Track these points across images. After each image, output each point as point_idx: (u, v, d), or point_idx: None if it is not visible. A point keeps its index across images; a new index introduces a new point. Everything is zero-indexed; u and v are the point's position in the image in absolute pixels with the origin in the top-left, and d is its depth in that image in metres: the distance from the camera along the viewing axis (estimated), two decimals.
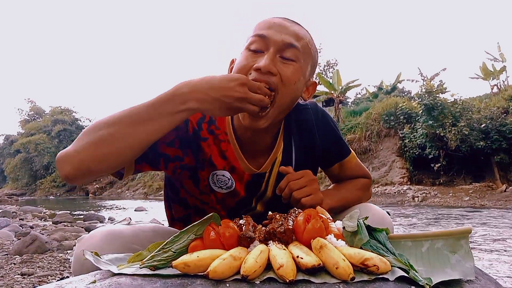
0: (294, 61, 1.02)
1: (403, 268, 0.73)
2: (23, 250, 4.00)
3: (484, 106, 14.71)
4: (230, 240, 0.78)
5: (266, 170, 1.18)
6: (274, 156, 1.18)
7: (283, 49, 1.00)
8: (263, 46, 1.01)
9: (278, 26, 1.02)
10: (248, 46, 1.03)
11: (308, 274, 0.70)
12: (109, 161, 0.89)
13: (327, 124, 1.25)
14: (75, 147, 0.89)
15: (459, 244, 0.80)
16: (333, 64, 25.58)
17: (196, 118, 1.12)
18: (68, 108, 39.66)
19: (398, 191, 14.49)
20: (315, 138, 1.21)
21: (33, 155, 36.09)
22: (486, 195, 12.47)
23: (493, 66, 18.05)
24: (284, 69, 1.00)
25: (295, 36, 1.02)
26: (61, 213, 10.64)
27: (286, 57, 1.01)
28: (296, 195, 1.05)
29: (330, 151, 1.26)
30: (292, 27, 1.04)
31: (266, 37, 1.00)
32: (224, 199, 1.18)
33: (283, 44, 1.00)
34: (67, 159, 0.88)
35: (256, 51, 1.01)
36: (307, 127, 1.21)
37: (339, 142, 1.27)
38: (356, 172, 1.32)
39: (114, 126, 0.89)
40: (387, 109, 17.18)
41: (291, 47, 1.01)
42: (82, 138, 0.90)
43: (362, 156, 17.09)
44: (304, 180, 1.06)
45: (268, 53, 0.99)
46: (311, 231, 0.78)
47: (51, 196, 34.01)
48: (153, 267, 0.75)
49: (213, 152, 1.13)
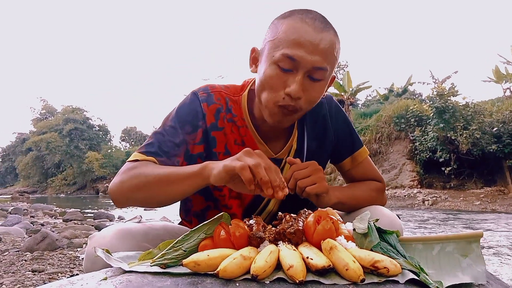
0: (322, 80, 1.05)
1: (414, 271, 0.73)
2: (34, 247, 4.04)
3: (496, 109, 14.56)
4: (240, 239, 0.78)
5: (283, 157, 1.21)
6: (290, 144, 1.21)
7: (312, 72, 1.02)
8: (292, 67, 1.01)
9: (309, 44, 1.00)
10: (277, 62, 1.02)
11: (318, 275, 0.70)
12: (148, 203, 1.07)
13: (340, 116, 1.27)
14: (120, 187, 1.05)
15: (470, 248, 0.79)
16: (343, 66, 25.48)
17: (213, 110, 1.15)
18: (80, 107, 40.01)
19: (408, 194, 14.39)
20: (328, 129, 1.24)
21: (44, 153, 36.49)
22: (498, 200, 12.34)
23: (506, 69, 17.86)
24: (311, 90, 1.04)
25: (324, 56, 1.02)
26: (71, 211, 10.73)
27: (315, 78, 1.03)
28: (301, 184, 1.05)
29: (342, 142, 1.27)
30: (322, 41, 1.01)
31: (297, 61, 1.00)
32: (240, 193, 1.17)
33: (312, 68, 1.01)
34: (117, 197, 1.06)
35: (285, 70, 1.02)
36: (321, 118, 1.24)
37: (352, 135, 1.29)
38: (368, 171, 1.32)
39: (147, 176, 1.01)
40: (398, 111, 17.08)
41: (320, 71, 1.02)
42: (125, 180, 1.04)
43: (372, 158, 16.69)
44: (309, 170, 1.07)
45: (297, 78, 1.01)
46: (321, 232, 0.77)
47: (61, 194, 34.37)
48: (164, 265, 0.75)
49: (229, 140, 1.15)
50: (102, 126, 40.98)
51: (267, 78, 1.04)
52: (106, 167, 34.13)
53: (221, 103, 1.17)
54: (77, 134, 36.52)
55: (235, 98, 1.19)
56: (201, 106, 1.14)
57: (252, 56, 1.14)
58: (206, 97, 1.16)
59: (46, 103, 42.44)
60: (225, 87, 1.21)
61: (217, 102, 1.16)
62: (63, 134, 36.26)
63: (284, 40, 1.02)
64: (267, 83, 1.04)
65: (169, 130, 1.12)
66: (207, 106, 1.15)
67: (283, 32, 1.02)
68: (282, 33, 1.02)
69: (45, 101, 42.55)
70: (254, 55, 1.13)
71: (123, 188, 1.04)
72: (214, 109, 1.16)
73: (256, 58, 1.12)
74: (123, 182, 1.04)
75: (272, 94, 1.04)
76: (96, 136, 39.00)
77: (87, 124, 38.76)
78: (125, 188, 1.03)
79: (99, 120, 40.83)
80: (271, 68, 1.03)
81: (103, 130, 40.98)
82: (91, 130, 38.78)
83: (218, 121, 1.15)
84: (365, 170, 1.31)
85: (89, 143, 37.27)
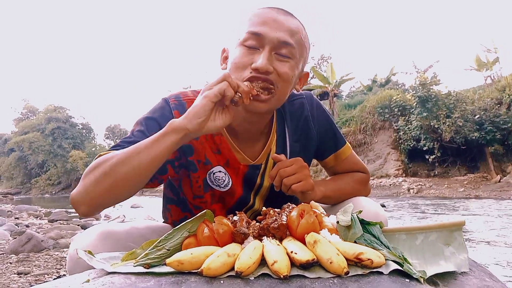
0: (290, 57, 1.04)
1: (397, 261, 0.73)
2: (19, 249, 3.98)
3: (478, 97, 14.79)
4: (224, 236, 0.78)
5: (261, 162, 1.19)
6: (269, 148, 1.19)
7: (278, 47, 1.02)
8: (258, 43, 1.02)
9: (273, 22, 1.02)
10: (243, 42, 1.03)
11: (302, 269, 0.70)
12: (116, 193, 0.94)
13: (322, 114, 1.26)
14: (84, 187, 0.94)
15: (452, 237, 0.80)
16: (327, 58, 25.55)
17: None
18: (62, 106, 39.44)
19: (394, 183, 14.56)
20: (310, 128, 1.23)
21: (27, 153, 35.96)
22: (481, 186, 12.57)
23: (487, 57, 18.10)
24: (280, 66, 1.02)
25: (289, 33, 1.03)
26: (56, 211, 10.59)
27: (282, 54, 1.03)
28: (287, 182, 1.05)
29: (325, 141, 1.26)
30: (286, 22, 1.04)
31: (262, 36, 1.01)
32: (223, 198, 1.18)
33: (278, 42, 1.01)
34: (79, 200, 0.94)
35: (251, 48, 1.02)
36: (302, 120, 1.22)
37: (334, 132, 1.28)
38: (352, 165, 1.32)
39: (112, 160, 0.93)
40: (382, 102, 17.24)
41: (286, 45, 1.02)
42: (88, 177, 0.94)
43: (357, 149, 17.14)
44: (294, 167, 1.06)
45: (264, 52, 1.00)
46: (305, 226, 0.77)
47: (46, 194, 33.93)
48: (147, 265, 0.74)
49: (207, 149, 1.14)
50: (85, 125, 40.47)
51: (234, 60, 1.04)
52: None
53: None
54: (60, 133, 36.03)
55: None
56: (172, 114, 1.10)
57: (223, 56, 1.15)
58: (177, 105, 1.12)
59: (27, 103, 41.77)
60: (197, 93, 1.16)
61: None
62: (46, 134, 35.74)
63: (249, 23, 1.04)
64: (235, 64, 1.04)
65: (136, 133, 1.07)
66: (179, 113, 1.08)
67: (248, 19, 1.05)
68: (248, 20, 1.05)
69: (26, 101, 41.88)
70: (225, 54, 1.14)
71: (86, 189, 0.94)
72: None
73: (227, 57, 1.12)
74: (85, 183, 0.94)
75: (239, 73, 1.02)
76: (79, 134, 38.51)
77: (70, 123, 38.23)
78: (89, 186, 0.93)
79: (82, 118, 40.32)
80: (237, 49, 1.04)
81: (86, 128, 40.48)
82: (74, 129, 38.27)
83: None
84: (348, 165, 1.32)
85: (73, 142, 36.79)
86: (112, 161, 0.92)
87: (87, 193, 0.93)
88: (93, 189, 0.93)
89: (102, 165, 0.93)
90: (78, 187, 0.95)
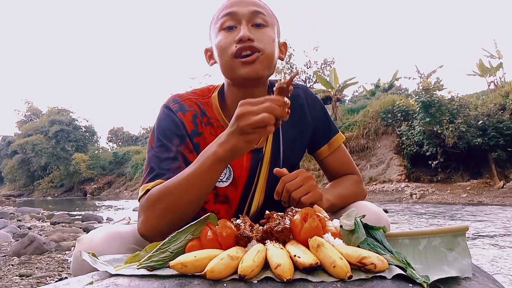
0: (265, 25, 1.13)
1: (401, 266, 0.73)
2: (21, 251, 3.99)
3: (481, 103, 14.74)
4: (228, 239, 0.78)
5: (262, 145, 1.21)
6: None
7: (252, 18, 1.12)
8: (234, 22, 1.11)
9: (240, 1, 1.13)
10: (221, 26, 1.13)
11: (305, 273, 0.70)
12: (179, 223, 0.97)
13: (317, 103, 1.32)
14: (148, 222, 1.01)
15: (456, 242, 0.80)
16: (330, 62, 25.53)
17: (190, 117, 1.17)
18: (65, 108, 39.48)
19: (396, 188, 14.51)
20: (306, 116, 1.27)
21: (30, 156, 36.03)
22: (484, 192, 12.51)
23: (490, 63, 18.07)
24: (260, 33, 1.11)
25: (257, 5, 1.14)
26: (59, 214, 10.63)
27: (258, 23, 1.12)
28: (295, 195, 1.03)
29: (319, 128, 1.30)
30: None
31: (235, 13, 1.11)
32: (227, 195, 1.18)
33: (250, 13, 1.11)
34: (149, 236, 1.01)
35: (230, 28, 1.12)
36: (298, 107, 1.26)
37: (328, 121, 1.33)
38: (346, 159, 1.35)
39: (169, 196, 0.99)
40: (385, 106, 17.20)
41: (258, 14, 1.12)
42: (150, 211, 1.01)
43: (360, 153, 17.12)
44: (300, 179, 1.05)
45: (242, 25, 1.10)
46: (308, 230, 0.77)
47: (48, 196, 33.98)
48: (151, 267, 0.75)
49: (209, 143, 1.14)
50: (89, 127, 40.50)
51: (218, 43, 1.12)
52: (94, 169, 33.79)
53: (195, 108, 1.19)
54: (63, 136, 36.05)
55: (205, 100, 1.21)
56: (178, 117, 1.15)
57: (207, 55, 1.23)
58: (178, 107, 1.17)
59: (31, 105, 41.83)
60: (192, 93, 1.23)
61: (191, 109, 1.18)
62: (49, 136, 35.78)
63: (220, 11, 1.15)
64: (220, 47, 1.11)
65: (159, 149, 1.11)
66: (183, 114, 1.16)
67: (219, 10, 1.16)
68: (219, 11, 1.16)
69: (30, 103, 41.94)
70: (209, 53, 1.22)
71: (155, 220, 1.00)
72: (191, 115, 1.17)
73: (211, 54, 1.20)
74: (148, 217, 1.01)
75: (227, 52, 1.09)
76: (82, 137, 38.52)
77: (73, 126, 38.25)
78: (157, 218, 1.00)
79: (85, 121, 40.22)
80: (219, 36, 1.13)
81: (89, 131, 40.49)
82: (77, 132, 38.29)
83: (198, 127, 1.17)
84: (342, 157, 1.34)
85: (76, 144, 36.82)
86: (169, 198, 0.98)
87: (154, 228, 1.00)
88: (158, 223, 1.00)
89: (161, 201, 0.99)
90: (143, 222, 1.01)
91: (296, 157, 1.29)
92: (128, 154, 33.38)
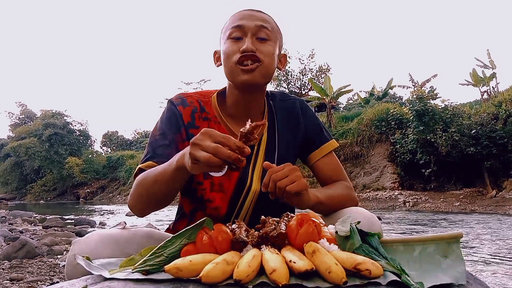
0: (267, 39, 1.25)
1: (395, 272, 0.74)
2: (12, 255, 3.95)
3: (475, 112, 14.88)
4: (223, 244, 0.78)
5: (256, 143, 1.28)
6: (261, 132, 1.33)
7: (257, 32, 1.23)
8: (241, 33, 1.23)
9: (249, 15, 1.26)
10: (229, 36, 1.25)
11: (301, 279, 0.70)
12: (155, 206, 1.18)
13: (311, 113, 1.43)
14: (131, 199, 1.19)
15: (450, 249, 0.80)
16: (325, 70, 25.66)
17: (189, 111, 1.30)
18: (60, 111, 39.24)
19: (389, 196, 14.56)
20: (300, 121, 1.39)
21: (23, 159, 35.74)
22: (477, 201, 12.58)
23: (483, 73, 18.25)
24: (262, 45, 1.24)
25: (263, 21, 1.26)
26: (51, 218, 10.54)
27: (261, 37, 1.24)
28: (280, 184, 1.05)
29: (312, 134, 1.39)
30: (260, 14, 1.28)
31: (242, 26, 1.23)
32: (222, 184, 1.26)
33: (256, 28, 1.23)
34: (132, 209, 1.21)
35: (237, 38, 1.23)
36: (293, 112, 1.39)
37: (321, 128, 1.42)
38: (336, 164, 1.39)
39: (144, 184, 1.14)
40: (379, 114, 17.30)
41: (263, 28, 1.24)
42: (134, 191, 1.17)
43: (353, 161, 17.17)
44: (286, 170, 1.07)
45: (247, 38, 1.22)
46: (304, 236, 0.78)
47: (41, 200, 33.71)
48: (146, 271, 0.74)
49: None
50: (83, 131, 40.22)
51: (225, 51, 1.25)
52: (87, 173, 33.56)
53: (195, 104, 1.32)
54: (57, 139, 35.77)
55: (206, 99, 1.35)
56: (178, 109, 1.30)
57: (216, 57, 1.35)
58: (180, 102, 1.32)
59: (24, 108, 41.54)
60: (196, 93, 1.38)
61: (191, 105, 1.31)
62: (43, 139, 35.49)
63: (231, 21, 1.27)
64: (227, 54, 1.24)
65: (158, 136, 1.27)
66: (183, 108, 1.30)
67: (230, 20, 1.28)
68: (230, 21, 1.28)
69: (23, 106, 41.65)
70: (217, 55, 1.34)
71: (133, 200, 1.18)
72: (189, 110, 1.31)
73: (219, 57, 1.31)
74: (132, 195, 1.18)
75: (232, 59, 1.22)
76: (76, 141, 38.24)
77: (68, 129, 37.97)
78: (135, 199, 1.18)
79: (79, 125, 39.97)
80: (226, 44, 1.26)
81: (84, 135, 40.20)
82: (71, 135, 38.02)
83: (195, 121, 1.29)
84: (333, 163, 1.38)
85: (70, 148, 36.56)
86: (144, 186, 1.14)
87: (135, 205, 1.19)
88: (138, 202, 1.18)
89: (140, 185, 1.15)
90: (130, 197, 1.20)
91: (290, 155, 1.35)
92: (122, 159, 33.20)
